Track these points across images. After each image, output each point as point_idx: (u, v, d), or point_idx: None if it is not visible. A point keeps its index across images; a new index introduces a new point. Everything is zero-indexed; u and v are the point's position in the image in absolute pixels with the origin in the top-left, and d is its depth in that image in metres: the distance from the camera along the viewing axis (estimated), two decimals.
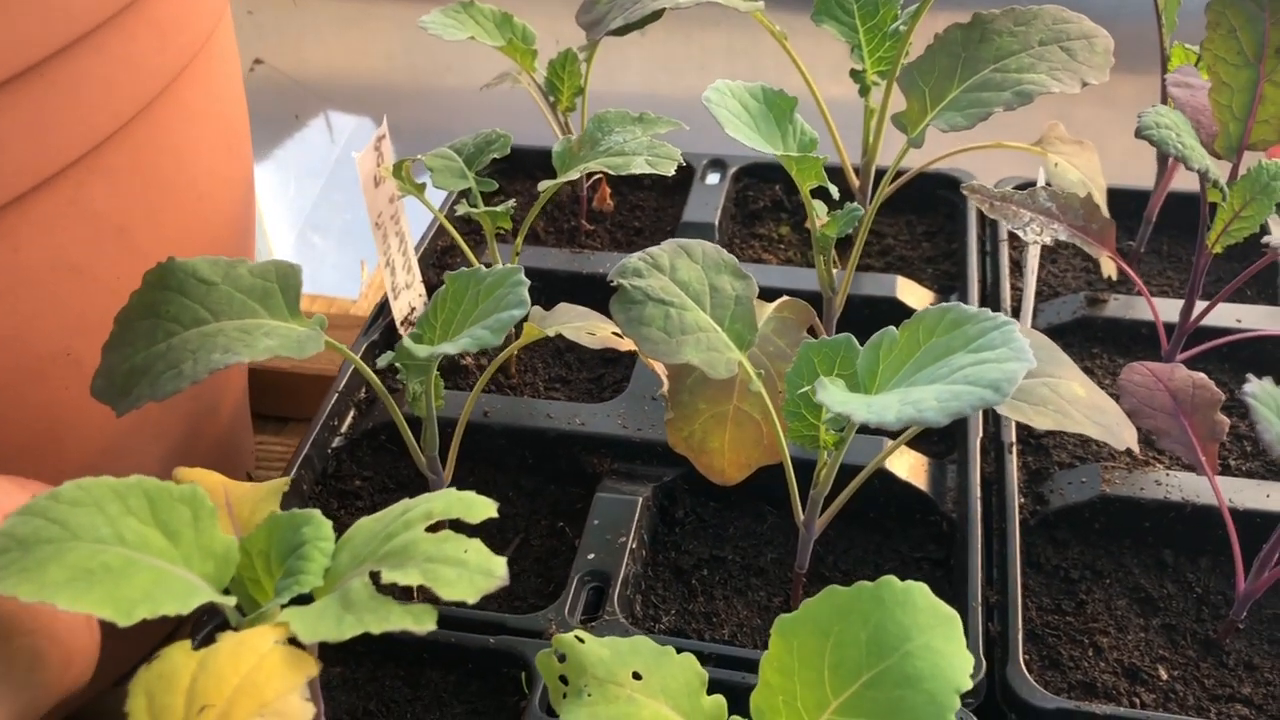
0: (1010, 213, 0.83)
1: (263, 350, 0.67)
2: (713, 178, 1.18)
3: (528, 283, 0.67)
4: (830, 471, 0.72)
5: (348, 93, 1.58)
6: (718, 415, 0.77)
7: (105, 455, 0.86)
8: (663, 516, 0.88)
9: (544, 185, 0.86)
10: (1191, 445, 0.74)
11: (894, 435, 0.91)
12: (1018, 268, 1.08)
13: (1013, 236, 1.08)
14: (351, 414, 0.96)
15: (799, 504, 0.75)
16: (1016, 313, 1.03)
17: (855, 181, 1.05)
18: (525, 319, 0.76)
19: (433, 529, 0.58)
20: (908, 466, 0.88)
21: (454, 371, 1.01)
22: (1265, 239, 0.76)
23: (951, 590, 0.80)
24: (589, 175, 1.16)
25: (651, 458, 0.89)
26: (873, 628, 0.56)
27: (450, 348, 0.66)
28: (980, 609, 0.76)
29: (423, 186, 0.92)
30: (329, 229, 1.67)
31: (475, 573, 0.55)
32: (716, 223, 1.11)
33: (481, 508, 0.58)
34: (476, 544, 0.56)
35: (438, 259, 1.12)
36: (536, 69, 1.06)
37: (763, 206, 1.18)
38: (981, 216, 1.11)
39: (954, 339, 0.61)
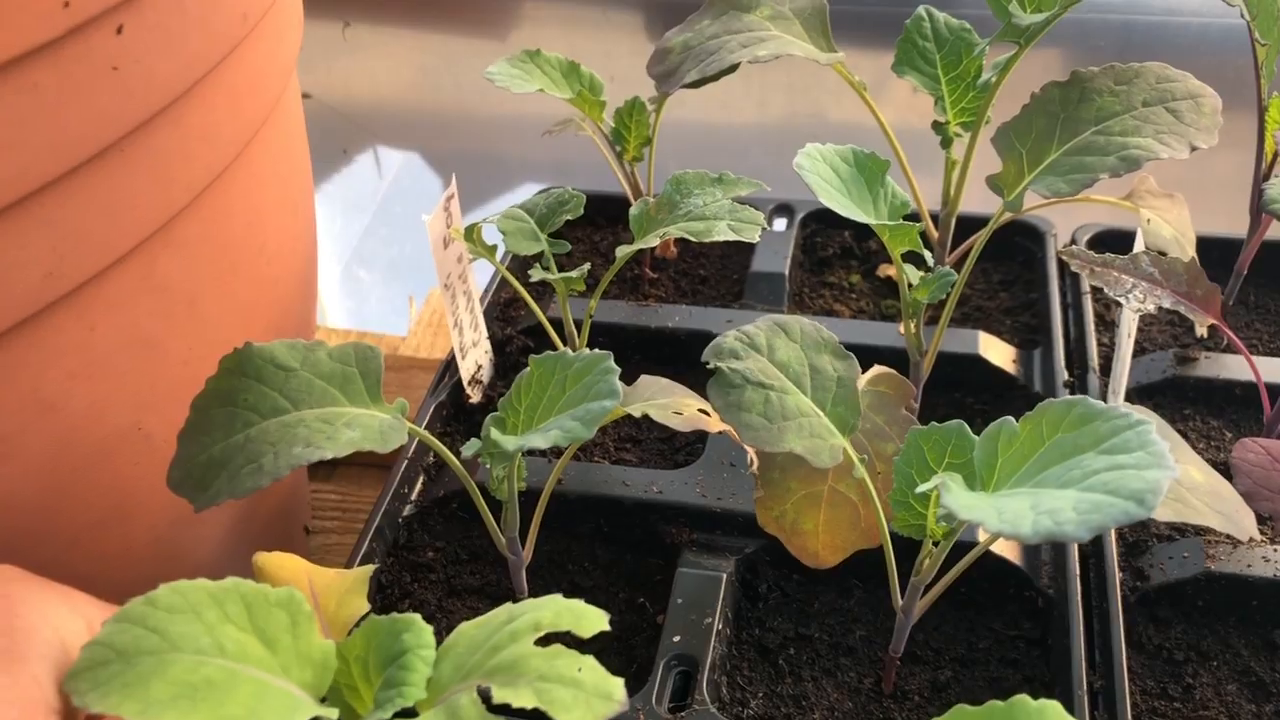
0: (1112, 279, 0.79)
1: (345, 444, 0.64)
2: (779, 223, 1.15)
3: (618, 370, 0.65)
4: (935, 562, 0.69)
5: (396, 126, 1.56)
6: (811, 495, 0.74)
7: (174, 526, 0.84)
8: (745, 591, 0.85)
9: (621, 251, 0.84)
10: None
11: None
12: (1103, 321, 1.04)
13: (1095, 289, 1.05)
14: (421, 480, 0.93)
15: (898, 590, 0.72)
16: (1104, 370, 0.99)
17: (934, 234, 1.02)
18: None
19: (542, 641, 0.55)
20: (1001, 540, 0.84)
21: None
22: None
23: (1051, 673, 0.77)
24: None
25: (732, 528, 0.86)
26: None
27: (540, 440, 0.63)
28: (1085, 695, 0.73)
29: (494, 249, 0.90)
30: (375, 263, 1.65)
31: (593, 695, 0.52)
32: (787, 272, 1.08)
33: (593, 620, 0.56)
34: (591, 662, 0.53)
35: (501, 311, 1.10)
36: (604, 119, 1.04)
37: (832, 254, 1.15)
38: (1063, 266, 1.07)
39: (1082, 436, 0.58)
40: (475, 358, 1.00)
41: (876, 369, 0.78)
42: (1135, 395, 0.97)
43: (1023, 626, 0.82)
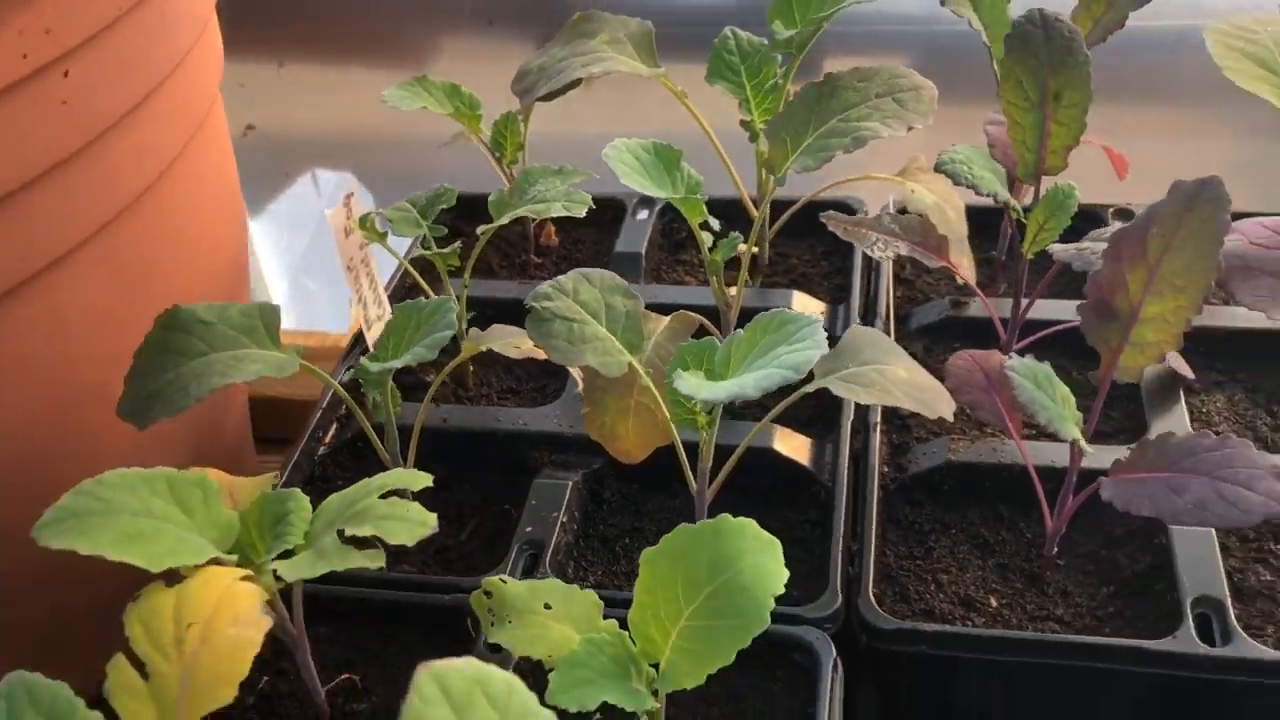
0: (861, 235, 1.01)
1: (250, 373, 0.86)
2: (642, 214, 1.37)
3: (456, 308, 0.86)
4: (709, 446, 0.90)
5: (331, 150, 1.78)
6: (623, 408, 0.96)
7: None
8: (593, 497, 1.07)
9: (482, 229, 1.05)
10: (1001, 414, 0.92)
11: (779, 420, 1.10)
12: (898, 279, 1.26)
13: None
14: (334, 427, 1.14)
15: (690, 476, 0.93)
16: (900, 318, 1.21)
17: (755, 213, 1.24)
18: (465, 339, 0.95)
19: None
20: (792, 447, 1.06)
21: (421, 389, 1.20)
22: (1051, 248, 0.94)
23: (821, 543, 0.98)
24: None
25: (583, 449, 1.07)
26: (712, 553, 0.74)
27: (396, 363, 0.85)
28: (841, 556, 0.94)
29: (385, 235, 1.11)
30: (319, 272, 1.87)
31: (414, 524, 0.73)
32: (643, 252, 1.30)
33: (419, 480, 0.77)
34: (415, 505, 0.75)
35: (406, 294, 1.31)
36: (483, 130, 1.25)
37: (685, 236, 1.36)
38: None
39: (780, 335, 0.79)
40: (379, 330, 1.21)
41: (677, 313, 1.00)
42: (918, 333, 1.19)
43: (809, 513, 1.03)
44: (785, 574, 0.73)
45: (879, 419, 1.07)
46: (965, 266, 1.16)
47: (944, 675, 0.92)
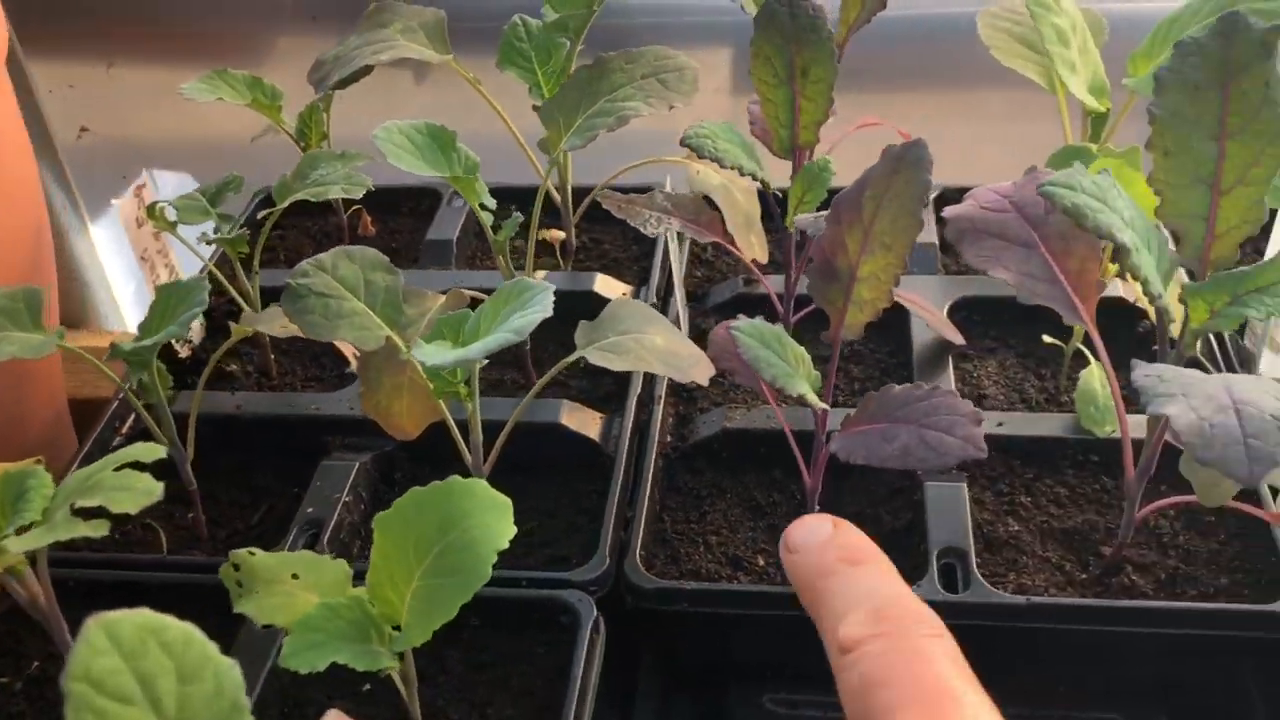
0: (634, 212, 1.04)
1: (4, 353, 0.86)
2: (458, 202, 1.39)
3: (208, 288, 0.87)
4: (475, 418, 0.92)
5: (165, 152, 1.77)
6: (396, 385, 0.97)
7: None
8: (383, 478, 1.08)
9: (264, 213, 1.06)
10: (755, 378, 0.95)
11: (575, 397, 1.12)
12: (699, 260, 1.30)
13: None
14: (132, 417, 1.14)
15: (465, 452, 0.95)
16: (692, 297, 1.24)
17: (558, 198, 1.26)
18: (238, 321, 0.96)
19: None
20: (580, 421, 1.08)
21: (222, 378, 1.20)
22: (795, 218, 0.98)
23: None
24: (348, 205, 1.37)
25: (377, 432, 1.08)
26: (442, 513, 0.75)
27: (147, 342, 0.86)
28: (614, 523, 0.97)
29: (175, 224, 1.11)
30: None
31: (139, 493, 0.74)
32: (455, 239, 1.32)
33: (151, 452, 0.78)
34: (145, 475, 0.75)
35: (217, 285, 1.31)
36: (285, 121, 1.26)
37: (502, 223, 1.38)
38: None
39: (516, 303, 0.81)
40: None
41: (451, 290, 1.02)
42: (713, 310, 1.22)
43: (596, 484, 1.05)
44: (511, 531, 0.75)
45: (664, 392, 1.10)
46: (754, 245, 1.19)
47: (707, 630, 0.95)
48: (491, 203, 1.04)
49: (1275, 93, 0.72)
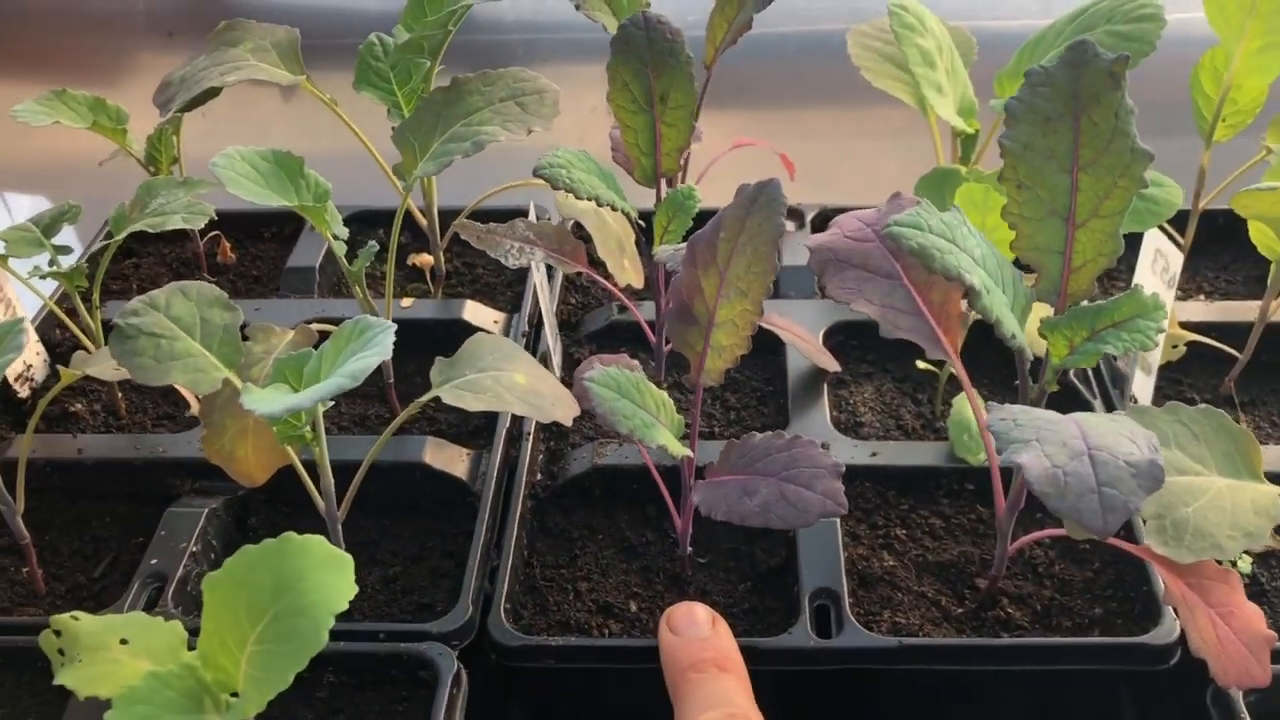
0: (494, 243, 1.00)
1: None
2: None
3: (24, 331, 0.81)
4: (324, 462, 0.87)
5: (19, 175, 1.68)
6: (242, 428, 0.91)
7: None
8: (237, 525, 1.02)
9: (101, 244, 1.00)
10: None
11: (442, 432, 1.08)
12: (574, 286, 1.26)
13: None
14: None
15: (317, 496, 0.90)
16: (565, 325, 1.21)
17: (423, 221, 1.22)
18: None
19: None
20: (446, 458, 1.03)
21: (66, 418, 1.12)
22: (655, 250, 0.95)
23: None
24: (203, 232, 1.30)
25: (229, 475, 1.02)
26: (276, 573, 0.70)
27: None
28: (478, 570, 0.92)
29: (5, 258, 1.04)
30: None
31: None
32: (318, 266, 1.26)
33: None
34: None
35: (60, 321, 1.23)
36: (132, 144, 1.19)
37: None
38: None
39: (357, 343, 0.77)
40: (25, 358, 1.14)
41: (300, 325, 0.96)
42: (587, 339, 1.18)
43: (463, 525, 1.01)
44: (351, 590, 0.70)
45: (534, 427, 1.06)
46: (628, 270, 1.16)
47: (577, 684, 0.91)
48: (344, 231, 0.98)
49: (1125, 124, 0.71)
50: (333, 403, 0.84)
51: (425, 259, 1.30)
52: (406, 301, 1.20)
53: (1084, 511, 0.58)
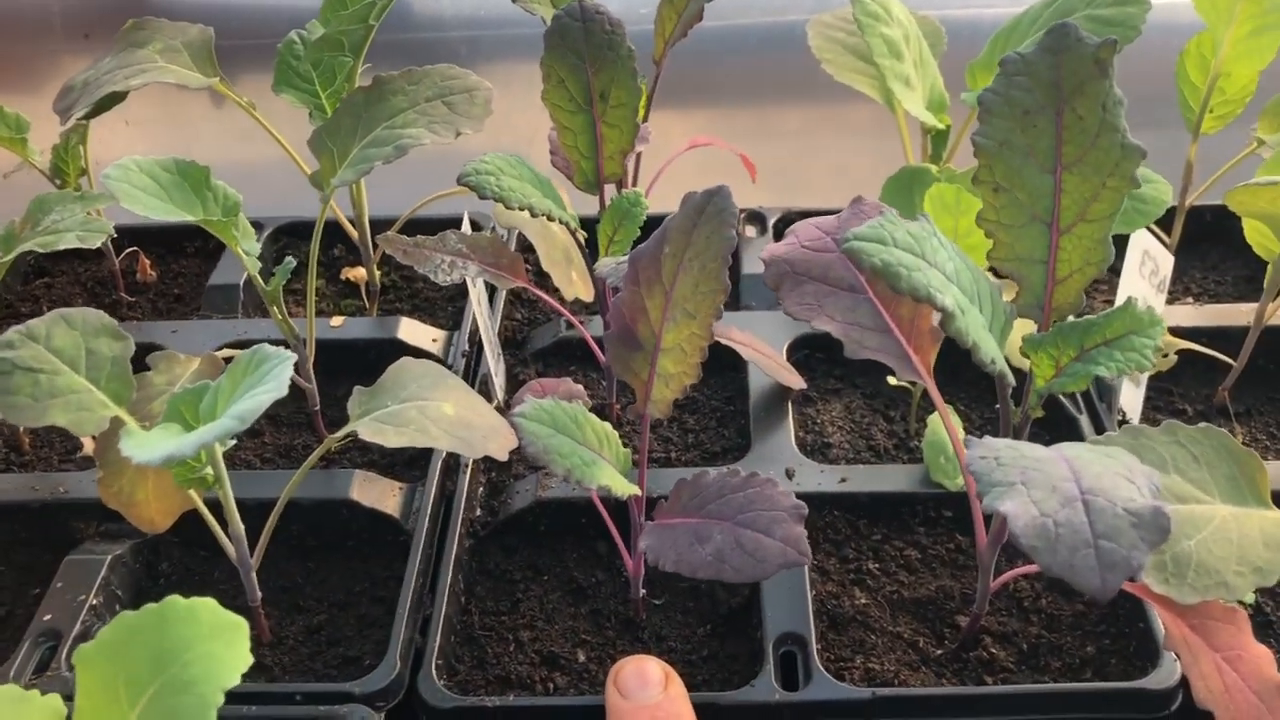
0: (423, 258, 0.91)
1: None
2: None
3: None
4: (229, 506, 0.78)
5: None
6: (140, 470, 0.82)
7: None
8: (148, 572, 0.93)
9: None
10: None
11: (374, 464, 0.99)
12: (520, 301, 1.17)
13: None
14: None
15: (226, 542, 0.81)
16: (511, 342, 1.12)
17: (354, 233, 1.13)
18: None
19: None
20: (376, 494, 0.94)
21: None
22: (597, 264, 0.86)
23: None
24: (121, 248, 1.21)
25: None
26: (156, 645, 0.61)
27: None
28: (406, 621, 0.83)
29: None
30: None
31: None
32: (242, 283, 1.17)
33: None
34: None
35: None
36: (35, 152, 1.10)
37: (300, 263, 1.23)
38: None
39: (255, 377, 0.68)
40: None
41: (206, 354, 0.87)
42: (534, 357, 1.10)
43: (395, 567, 0.92)
44: (244, 660, 0.61)
45: (471, 459, 0.97)
46: (575, 283, 1.07)
47: None
48: (255, 247, 0.89)
49: (1113, 117, 0.63)
50: (235, 441, 0.76)
51: (360, 273, 1.21)
52: (336, 320, 1.11)
53: (1079, 569, 0.50)
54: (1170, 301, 1.15)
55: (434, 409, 0.79)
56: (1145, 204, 0.88)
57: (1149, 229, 1.12)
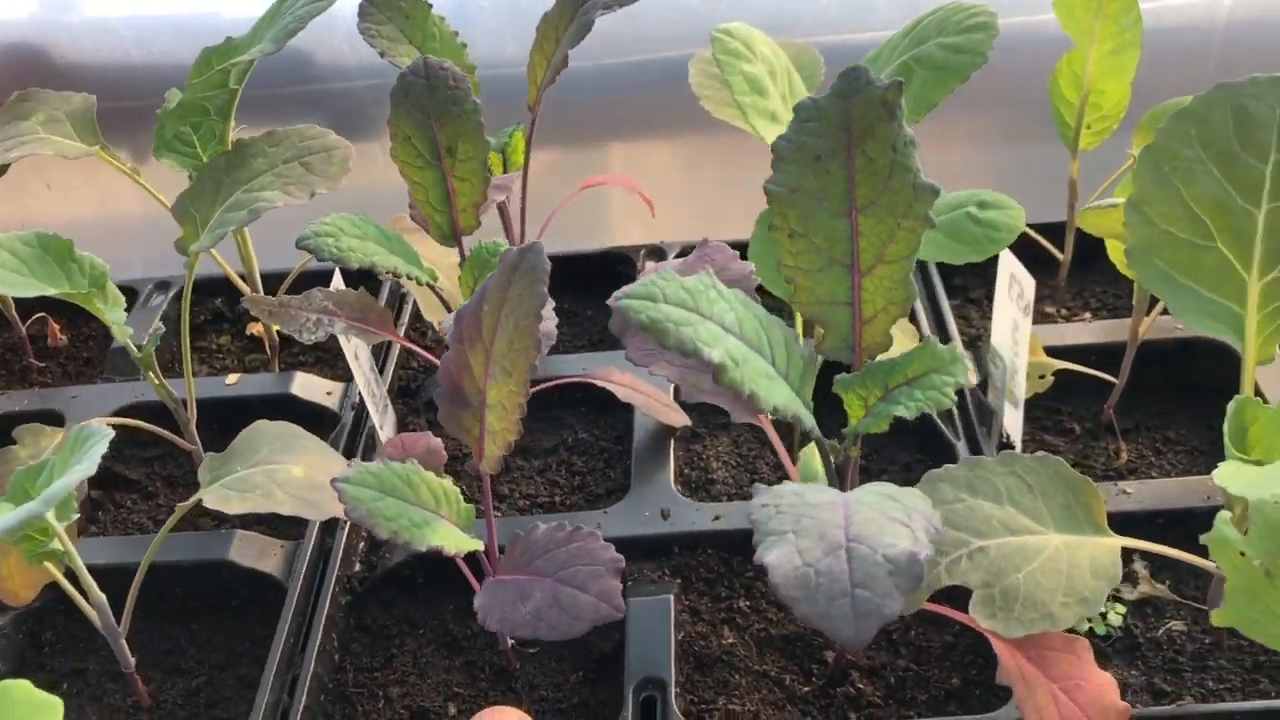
0: (288, 317, 0.91)
1: None
2: (157, 299, 1.25)
3: None
4: (83, 575, 0.79)
5: None
6: (3, 544, 0.83)
7: None
8: (31, 641, 0.93)
9: None
10: None
11: (262, 524, 0.99)
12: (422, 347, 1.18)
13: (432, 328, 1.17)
14: None
15: (90, 612, 0.82)
16: (405, 391, 1.13)
17: (246, 289, 1.14)
18: None
19: None
20: (256, 553, 0.94)
21: None
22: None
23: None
24: (25, 316, 1.22)
25: None
26: None
27: None
28: (273, 683, 0.83)
29: None
30: None
31: None
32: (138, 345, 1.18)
33: None
34: None
35: None
36: None
37: (204, 320, 1.25)
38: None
39: (77, 455, 0.68)
40: None
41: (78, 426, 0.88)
42: (425, 406, 1.10)
43: (274, 626, 0.92)
44: None
45: None
46: None
47: None
48: (121, 316, 0.90)
49: (905, 158, 0.63)
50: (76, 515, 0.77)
51: (260, 328, 1.22)
52: (232, 378, 1.12)
53: (834, 619, 0.50)
54: (1069, 319, 1.15)
55: (283, 473, 0.80)
56: (997, 230, 0.88)
57: (1039, 245, 1.12)
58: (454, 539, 0.73)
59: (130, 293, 1.27)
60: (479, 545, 0.75)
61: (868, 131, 0.63)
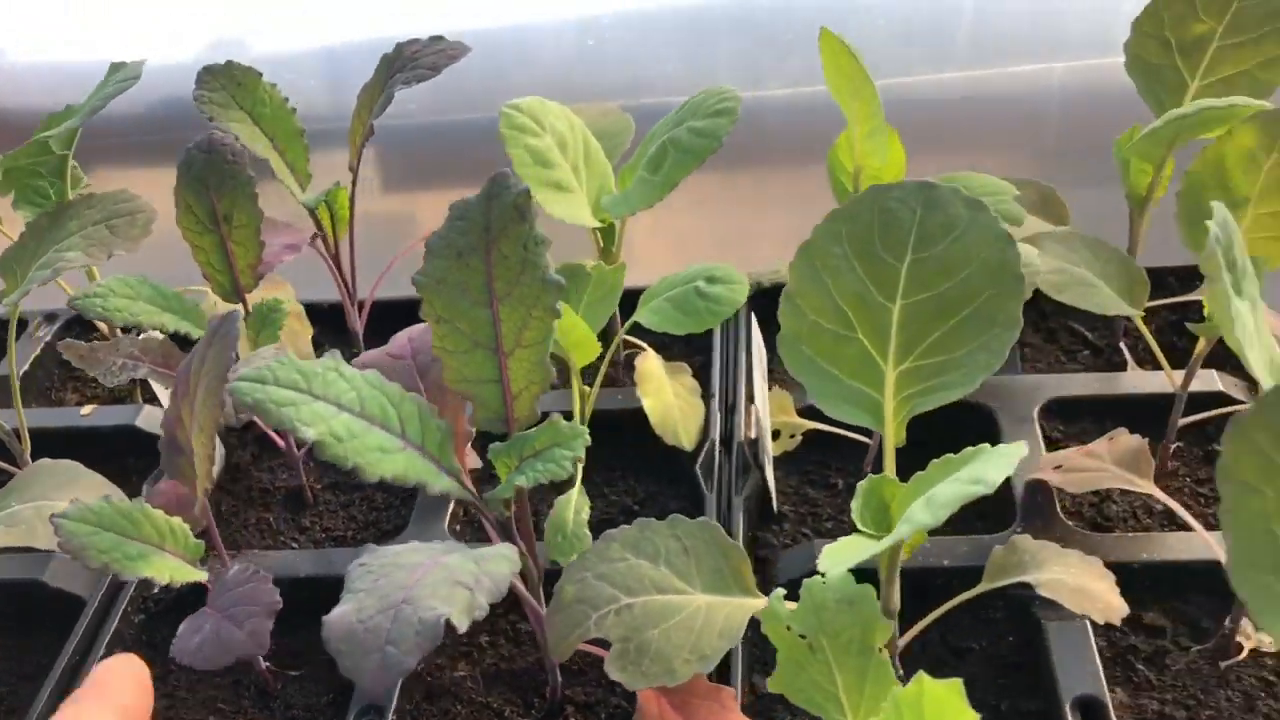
0: (95, 361, 1.01)
1: None
2: (44, 330, 1.36)
3: None
4: None
5: None
6: None
7: None
8: None
9: None
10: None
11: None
12: None
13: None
14: None
15: None
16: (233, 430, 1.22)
17: (104, 328, 1.24)
18: None
19: None
20: (70, 574, 1.04)
21: None
22: None
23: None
24: None
25: None
26: None
27: None
28: (47, 700, 0.93)
29: None
30: None
31: None
32: (21, 373, 1.28)
33: None
34: None
35: None
36: None
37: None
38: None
39: None
40: None
41: None
42: (256, 440, 1.20)
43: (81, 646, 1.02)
44: None
45: None
46: None
47: None
48: None
49: (535, 255, 0.71)
50: None
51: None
52: (86, 410, 1.22)
53: (363, 671, 0.58)
54: None
55: (49, 509, 0.89)
56: (719, 304, 0.95)
57: None
58: (171, 571, 0.82)
59: (21, 323, 1.38)
60: (201, 576, 0.84)
61: (503, 231, 0.71)
